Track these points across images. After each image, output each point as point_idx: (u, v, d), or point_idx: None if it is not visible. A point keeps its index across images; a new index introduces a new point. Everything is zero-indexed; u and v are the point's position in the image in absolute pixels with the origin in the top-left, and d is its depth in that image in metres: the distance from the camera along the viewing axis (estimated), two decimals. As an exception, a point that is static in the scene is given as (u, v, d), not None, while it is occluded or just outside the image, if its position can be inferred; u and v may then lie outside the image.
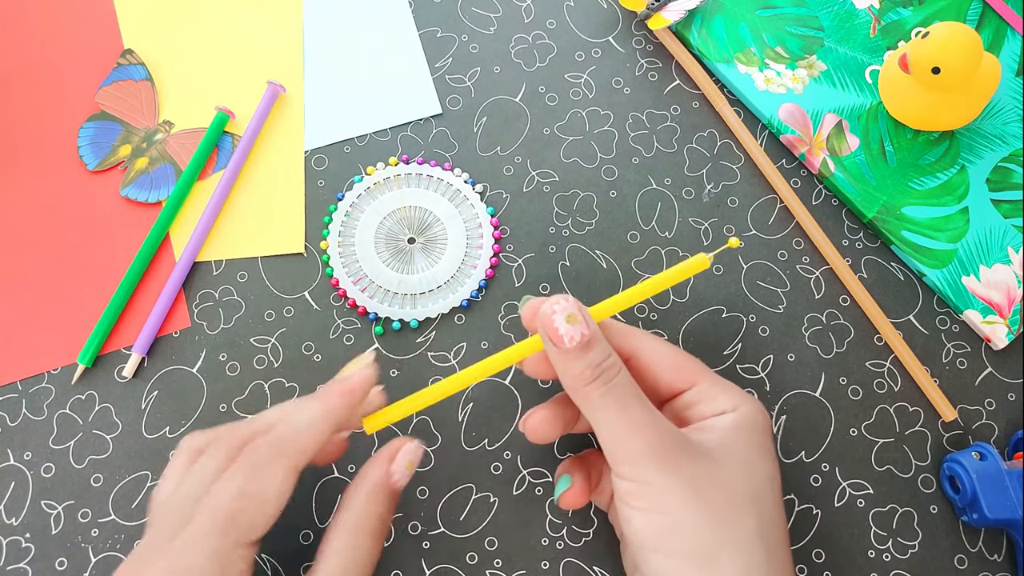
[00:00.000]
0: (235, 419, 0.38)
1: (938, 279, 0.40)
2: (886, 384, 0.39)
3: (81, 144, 0.42)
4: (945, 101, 0.39)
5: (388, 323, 0.39)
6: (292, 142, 0.42)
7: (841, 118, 0.42)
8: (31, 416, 0.38)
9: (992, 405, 0.39)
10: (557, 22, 0.45)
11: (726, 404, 0.32)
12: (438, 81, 0.44)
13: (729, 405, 0.32)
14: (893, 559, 0.37)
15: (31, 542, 0.36)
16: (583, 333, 0.29)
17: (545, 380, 0.39)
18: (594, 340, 0.30)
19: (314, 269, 0.40)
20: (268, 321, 0.39)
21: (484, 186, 0.42)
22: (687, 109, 0.44)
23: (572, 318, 0.29)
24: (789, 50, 0.44)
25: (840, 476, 0.38)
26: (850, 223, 0.42)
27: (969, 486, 0.36)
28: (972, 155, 0.42)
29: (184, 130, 0.42)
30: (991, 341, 0.39)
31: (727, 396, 0.32)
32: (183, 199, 0.41)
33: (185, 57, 0.44)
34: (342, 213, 0.41)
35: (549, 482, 0.38)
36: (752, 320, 0.40)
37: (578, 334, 0.29)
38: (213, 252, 0.41)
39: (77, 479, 0.37)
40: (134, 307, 0.39)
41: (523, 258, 0.41)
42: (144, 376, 0.39)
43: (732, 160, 0.43)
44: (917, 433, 0.39)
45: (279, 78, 0.43)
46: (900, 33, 0.44)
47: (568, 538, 0.37)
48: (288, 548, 0.36)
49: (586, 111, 0.43)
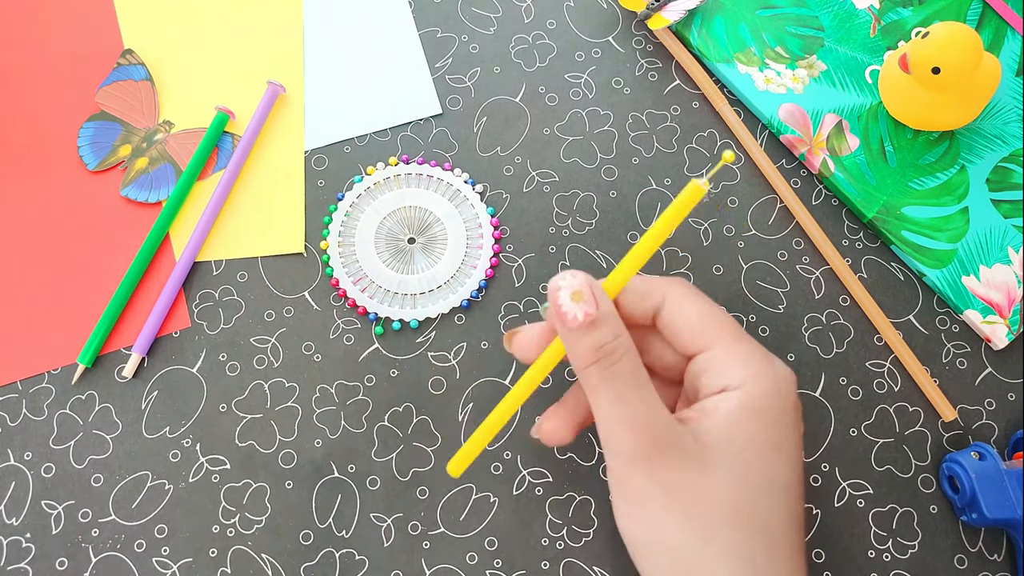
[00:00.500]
0: (235, 419, 0.38)
1: (938, 279, 0.40)
2: (886, 384, 0.39)
3: (81, 144, 0.42)
4: (945, 101, 0.39)
5: (388, 323, 0.39)
6: (292, 142, 0.42)
7: (841, 118, 0.42)
8: (31, 416, 0.38)
9: (992, 405, 0.39)
10: (557, 22, 0.45)
11: (732, 378, 0.28)
12: (438, 81, 0.44)
13: (735, 380, 0.28)
14: (893, 559, 0.37)
15: (31, 542, 0.36)
16: (587, 312, 0.27)
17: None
18: (600, 320, 0.28)
19: (314, 269, 0.40)
20: (268, 321, 0.39)
21: (484, 186, 0.42)
22: (687, 109, 0.44)
23: (577, 295, 0.28)
24: (789, 50, 0.44)
25: (840, 476, 0.38)
26: (850, 223, 0.42)
27: (968, 486, 0.36)
28: (972, 155, 0.42)
29: (184, 130, 0.42)
30: (991, 341, 0.39)
31: (736, 366, 0.29)
32: (183, 199, 0.41)
33: (185, 57, 0.44)
34: (342, 213, 0.41)
35: (549, 482, 0.38)
36: (752, 320, 0.40)
37: (582, 313, 0.27)
38: (213, 252, 0.41)
39: (77, 479, 0.37)
40: (134, 307, 0.39)
41: (523, 258, 0.41)
42: (144, 376, 0.39)
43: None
44: (917, 433, 0.39)
45: (279, 78, 0.43)
46: (900, 33, 0.44)
47: (568, 538, 0.37)
48: (288, 548, 0.36)
49: (586, 111, 0.43)
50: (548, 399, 0.39)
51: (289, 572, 0.36)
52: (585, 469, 0.38)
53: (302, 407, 0.38)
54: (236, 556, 0.36)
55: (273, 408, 0.38)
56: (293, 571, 0.36)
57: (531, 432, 0.33)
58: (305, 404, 0.38)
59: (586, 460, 0.38)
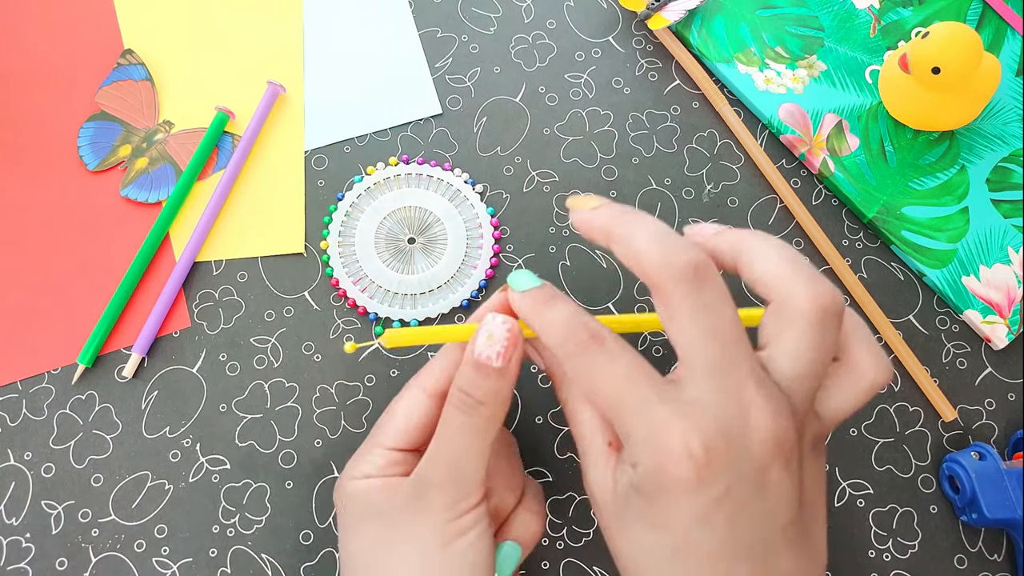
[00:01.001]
0: (235, 419, 0.38)
1: (938, 279, 0.40)
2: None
3: (81, 144, 0.42)
4: (945, 101, 0.39)
5: (388, 323, 0.39)
6: (292, 142, 0.42)
7: (841, 118, 0.42)
8: (31, 416, 0.38)
9: (992, 405, 0.39)
10: (557, 22, 0.45)
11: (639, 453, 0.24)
12: (438, 81, 0.44)
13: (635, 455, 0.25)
14: (893, 559, 0.37)
15: (31, 542, 0.36)
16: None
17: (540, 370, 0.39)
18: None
19: (314, 269, 0.40)
20: (268, 321, 0.39)
21: (484, 186, 0.42)
22: (687, 109, 0.44)
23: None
24: (789, 50, 0.44)
25: (840, 476, 0.38)
26: (850, 223, 0.42)
27: (968, 486, 0.36)
28: (972, 155, 0.42)
29: (184, 130, 0.42)
30: (991, 341, 0.39)
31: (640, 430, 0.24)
32: (183, 199, 0.41)
33: (185, 57, 0.44)
34: (342, 213, 0.41)
35: (550, 482, 0.38)
36: (752, 320, 0.40)
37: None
38: (213, 252, 0.41)
39: (77, 479, 0.37)
40: (134, 307, 0.39)
41: (523, 258, 0.41)
42: (144, 376, 0.39)
43: (732, 160, 0.43)
44: (917, 433, 0.39)
45: (279, 78, 0.43)
46: (900, 33, 0.44)
47: (568, 538, 0.37)
48: (288, 548, 0.36)
49: (586, 111, 0.43)
50: (547, 399, 0.39)
51: (289, 572, 0.36)
52: (585, 469, 0.38)
53: (302, 407, 0.38)
54: (236, 556, 0.36)
55: (273, 408, 0.38)
56: (293, 571, 0.36)
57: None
58: (305, 404, 0.38)
59: (586, 460, 0.38)
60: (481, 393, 0.27)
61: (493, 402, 0.27)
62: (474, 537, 0.28)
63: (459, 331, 0.30)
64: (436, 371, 0.31)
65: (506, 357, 0.27)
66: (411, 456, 0.30)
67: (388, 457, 0.30)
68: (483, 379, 0.27)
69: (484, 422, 0.28)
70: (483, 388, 0.27)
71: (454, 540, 0.28)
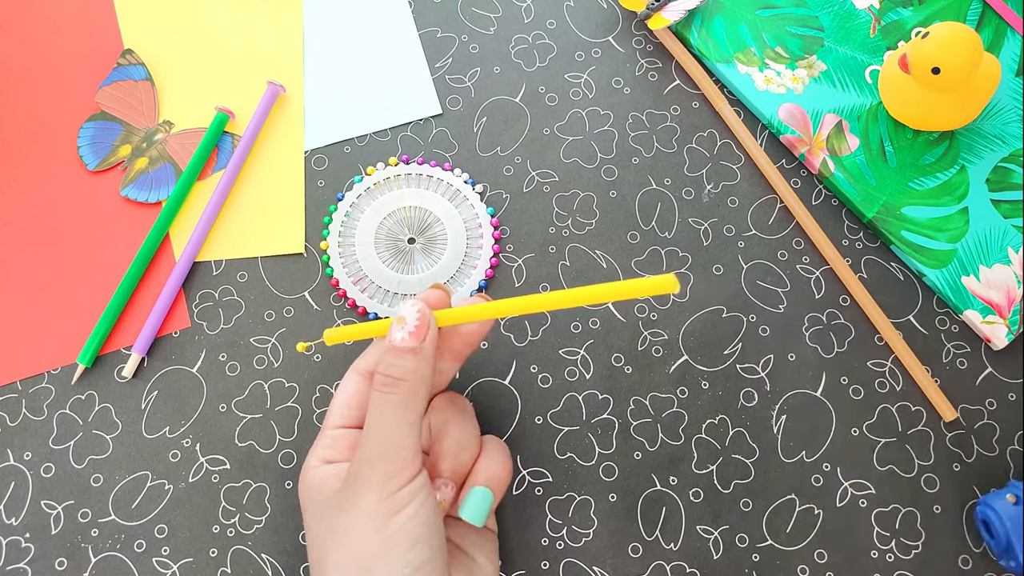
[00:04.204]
0: (235, 420, 0.38)
1: (938, 279, 0.40)
2: (888, 384, 0.39)
3: (81, 144, 0.42)
4: (945, 101, 0.39)
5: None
6: (292, 142, 0.42)
7: (841, 118, 0.42)
8: (31, 416, 0.38)
9: (993, 405, 0.39)
10: (557, 22, 0.45)
11: None
12: (438, 81, 0.44)
13: None
14: (896, 559, 0.37)
15: (31, 542, 0.36)
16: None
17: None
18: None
19: (314, 269, 0.40)
20: (268, 321, 0.39)
21: (484, 186, 0.42)
22: (687, 109, 0.44)
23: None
24: (789, 50, 0.44)
25: (842, 476, 0.38)
26: (850, 223, 0.42)
27: (1003, 533, 0.34)
28: (972, 155, 0.42)
29: (184, 130, 0.42)
30: (991, 341, 0.39)
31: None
32: (183, 199, 0.41)
33: (185, 57, 0.44)
34: (342, 213, 0.41)
35: (549, 482, 0.38)
36: (752, 320, 0.40)
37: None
38: (213, 252, 0.41)
39: (77, 479, 0.37)
40: (134, 307, 0.39)
41: (523, 258, 0.41)
42: (144, 376, 0.39)
43: (732, 160, 0.43)
44: (920, 433, 0.39)
45: (279, 78, 0.43)
46: (900, 33, 0.44)
47: (568, 538, 0.37)
48: (288, 548, 0.36)
49: (586, 111, 0.43)
50: (547, 399, 0.39)
51: (289, 572, 0.36)
52: (585, 469, 0.38)
53: (302, 407, 0.38)
54: (236, 556, 0.36)
55: (273, 408, 0.38)
56: (293, 571, 0.36)
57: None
58: (305, 404, 0.38)
59: (586, 460, 0.38)
60: (399, 371, 0.30)
61: (413, 378, 0.30)
62: (412, 511, 0.29)
63: (387, 324, 0.32)
64: (370, 354, 0.34)
65: (417, 337, 0.30)
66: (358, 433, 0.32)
67: (336, 437, 0.32)
68: (398, 359, 0.30)
69: (405, 397, 0.30)
70: (400, 366, 0.30)
71: (393, 516, 0.29)
